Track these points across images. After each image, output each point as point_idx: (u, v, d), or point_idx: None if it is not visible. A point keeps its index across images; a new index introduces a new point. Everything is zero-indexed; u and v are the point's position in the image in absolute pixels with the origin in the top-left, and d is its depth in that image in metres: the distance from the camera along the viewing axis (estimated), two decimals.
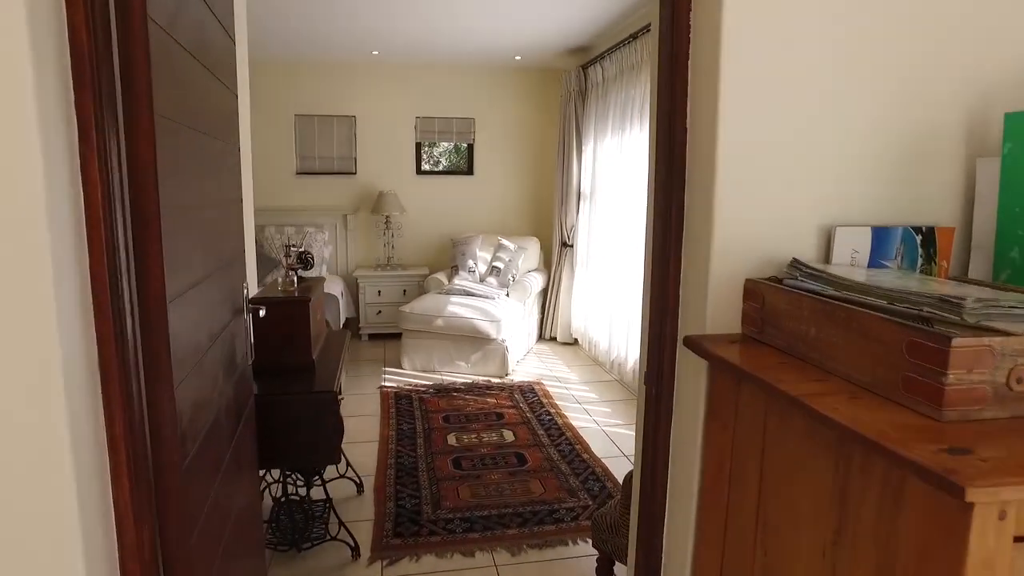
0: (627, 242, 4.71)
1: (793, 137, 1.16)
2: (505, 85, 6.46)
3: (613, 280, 5.01)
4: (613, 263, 5.03)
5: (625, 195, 4.74)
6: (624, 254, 4.78)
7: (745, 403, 1.06)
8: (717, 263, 1.14)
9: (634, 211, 4.57)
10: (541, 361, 5.50)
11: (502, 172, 6.59)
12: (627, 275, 4.72)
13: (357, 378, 4.98)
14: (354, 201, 6.40)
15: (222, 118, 1.76)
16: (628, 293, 4.69)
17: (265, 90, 6.11)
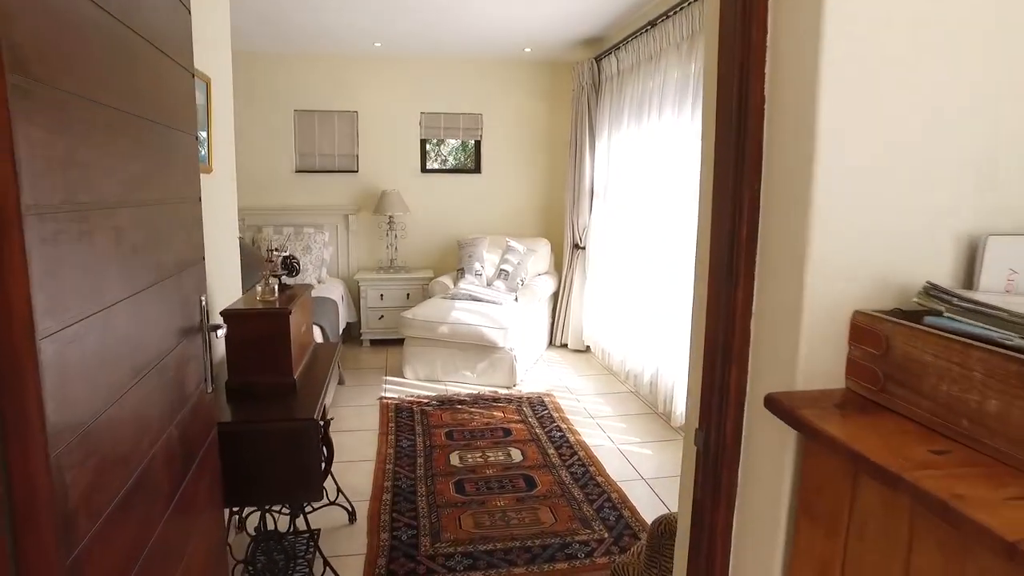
0: (644, 243, 4.40)
1: (927, 109, 0.83)
2: (514, 79, 6.15)
3: (628, 284, 4.70)
4: (628, 266, 4.71)
5: (642, 193, 4.42)
6: (641, 256, 4.47)
7: (869, 508, 0.72)
8: (814, 286, 0.80)
9: (653, 210, 4.25)
10: (551, 370, 5.19)
11: (511, 170, 6.28)
12: (644, 279, 4.40)
13: (356, 388, 4.69)
14: (356, 200, 6.12)
15: (169, 99, 1.46)
16: (645, 299, 4.37)
17: (263, 84, 5.83)
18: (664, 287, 4.03)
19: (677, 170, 3.84)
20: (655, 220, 4.19)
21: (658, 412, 4.20)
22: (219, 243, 2.66)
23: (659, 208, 4.12)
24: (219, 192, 2.71)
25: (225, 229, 2.79)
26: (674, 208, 3.86)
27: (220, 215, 2.74)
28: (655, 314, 4.19)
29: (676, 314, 3.84)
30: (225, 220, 2.82)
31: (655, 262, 4.19)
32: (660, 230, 4.11)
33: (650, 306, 4.28)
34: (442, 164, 6.43)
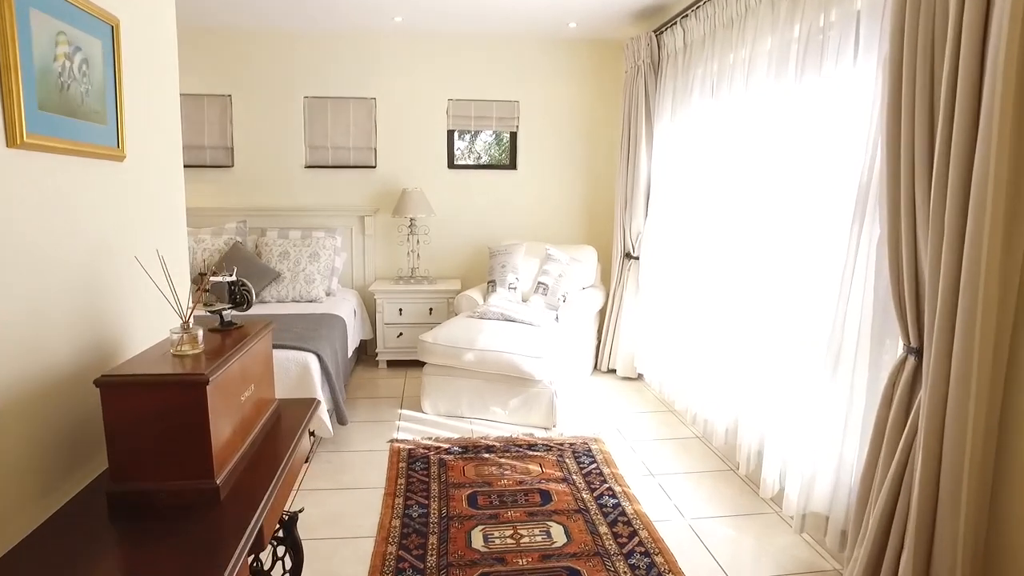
0: (721, 251, 3.52)
1: None
2: (556, 60, 5.31)
3: (696, 304, 3.82)
4: (696, 281, 3.83)
5: (720, 187, 3.54)
6: (715, 268, 3.59)
7: None
8: None
9: (738, 207, 3.36)
10: (598, 404, 4.34)
11: (551, 166, 5.44)
12: (719, 298, 3.52)
13: (364, 426, 3.91)
14: (373, 200, 5.35)
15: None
16: (720, 324, 3.49)
17: (267, 67, 5.11)
18: (752, 311, 3.14)
19: (779, 160, 2.96)
20: (741, 220, 3.30)
21: (737, 471, 3.31)
22: (141, 259, 1.89)
23: (748, 203, 3.22)
24: (137, 187, 1.93)
25: (149, 237, 2.00)
26: (776, 202, 2.96)
27: (141, 217, 1.97)
28: (736, 345, 3.31)
29: (772, 350, 2.95)
30: (150, 225, 2.04)
31: (738, 277, 3.30)
32: (749, 232, 3.21)
33: (728, 334, 3.39)
34: (474, 160, 5.62)
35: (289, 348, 3.41)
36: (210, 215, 5.11)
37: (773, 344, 2.93)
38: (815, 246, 2.63)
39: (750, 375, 3.14)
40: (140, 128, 1.94)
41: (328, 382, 3.49)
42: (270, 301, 4.63)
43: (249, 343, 1.68)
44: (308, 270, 4.69)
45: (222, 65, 5.08)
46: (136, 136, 1.91)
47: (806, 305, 2.69)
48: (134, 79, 1.88)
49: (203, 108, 5.13)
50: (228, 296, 1.79)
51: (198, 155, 5.19)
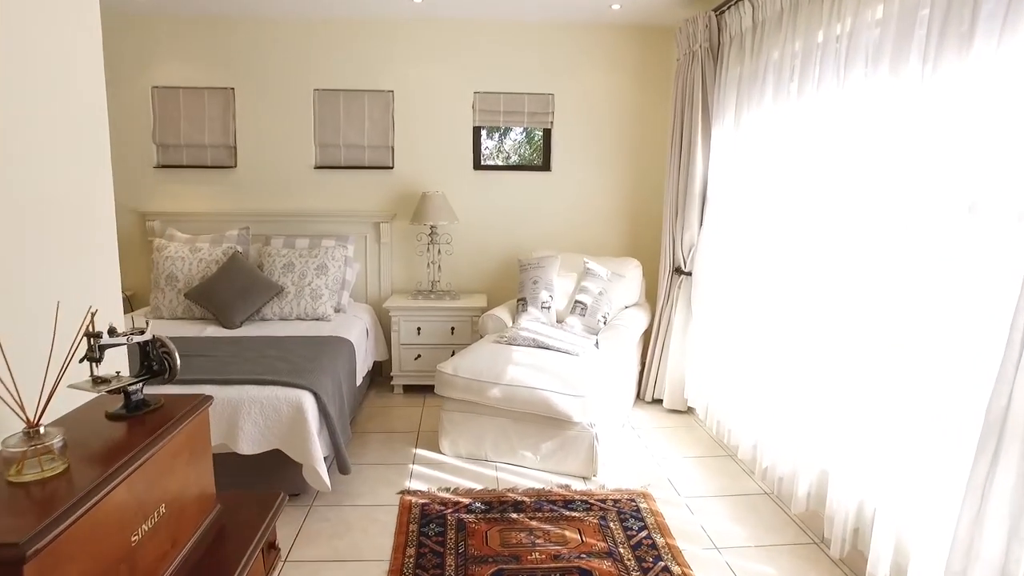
0: (799, 272, 2.88)
1: None
2: (596, 48, 4.70)
3: (763, 329, 3.19)
4: (765, 302, 3.20)
5: (804, 200, 2.90)
6: (790, 290, 2.95)
7: None
8: None
9: (822, 226, 2.73)
10: (643, 445, 3.72)
11: (590, 167, 4.84)
12: (796, 326, 2.88)
13: (370, 470, 3.35)
14: (390, 204, 4.80)
15: None
16: (799, 357, 2.85)
17: (273, 57, 4.59)
18: (851, 343, 2.50)
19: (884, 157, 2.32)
20: (836, 235, 2.65)
21: (827, 551, 2.67)
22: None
23: (847, 215, 2.58)
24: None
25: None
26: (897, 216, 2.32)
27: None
28: (823, 381, 2.67)
29: (881, 389, 2.32)
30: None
31: (831, 302, 2.66)
32: (850, 250, 2.57)
33: (811, 367, 2.76)
34: (503, 160, 5.04)
35: (280, 385, 2.86)
36: (210, 221, 4.62)
37: (882, 383, 2.29)
38: (960, 266, 1.99)
39: (844, 420, 2.50)
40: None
41: (327, 424, 2.93)
42: (272, 319, 4.10)
43: (162, 439, 1.12)
44: (315, 284, 4.15)
45: (224, 55, 4.57)
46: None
47: (938, 334, 2.05)
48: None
49: (203, 103, 4.63)
50: (141, 363, 1.23)
51: (198, 155, 4.70)
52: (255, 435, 2.80)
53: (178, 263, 4.15)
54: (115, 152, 4.70)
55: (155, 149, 4.67)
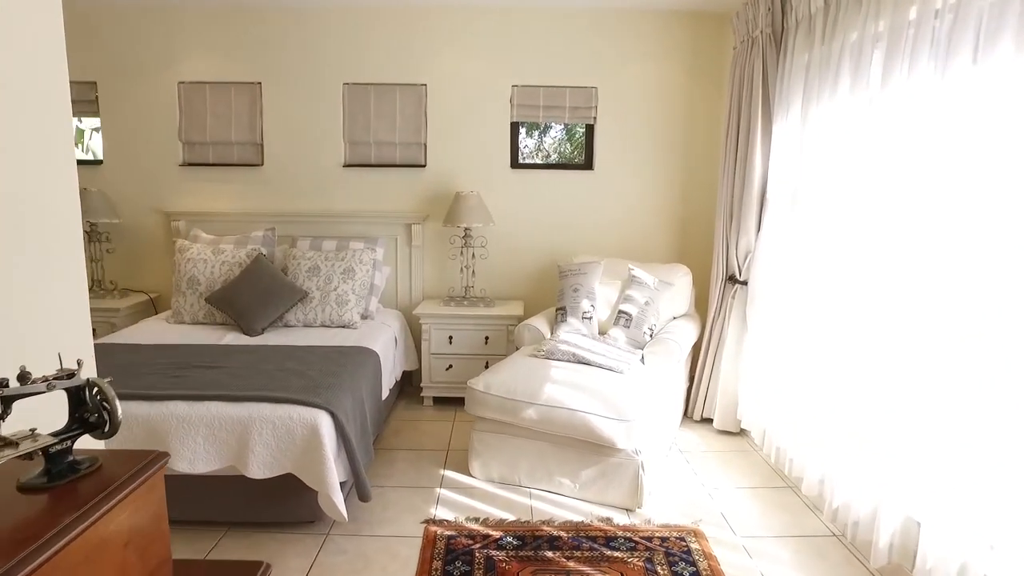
0: (875, 282, 2.50)
1: None
2: (644, 36, 4.36)
3: (833, 347, 2.82)
4: (835, 316, 2.83)
5: (877, 200, 2.53)
6: (863, 303, 2.58)
7: None
8: None
9: (903, 227, 2.36)
10: (692, 472, 3.38)
11: (635, 166, 4.50)
12: (875, 345, 2.51)
13: (397, 493, 3.09)
14: (422, 205, 4.54)
15: None
16: (880, 380, 2.48)
17: (302, 49, 4.37)
18: (942, 369, 2.13)
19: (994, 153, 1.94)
20: (918, 244, 2.28)
21: None
22: None
23: (932, 225, 2.21)
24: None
25: None
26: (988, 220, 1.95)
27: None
28: (909, 414, 2.30)
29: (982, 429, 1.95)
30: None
31: (911, 318, 2.29)
32: (932, 262, 2.20)
33: (894, 395, 2.38)
34: (543, 158, 4.74)
35: (294, 403, 2.62)
36: (235, 221, 4.43)
37: (992, 413, 1.92)
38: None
39: (940, 459, 2.13)
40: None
41: (345, 447, 2.68)
42: (296, 326, 3.88)
43: (92, 517, 0.85)
44: (341, 289, 3.91)
45: (251, 47, 4.38)
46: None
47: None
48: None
49: (230, 98, 4.44)
50: (72, 413, 0.96)
51: (224, 152, 4.52)
52: (267, 458, 2.56)
53: (200, 265, 3.97)
54: (141, 150, 4.56)
55: (181, 147, 4.51)
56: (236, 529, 2.75)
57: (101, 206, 4.32)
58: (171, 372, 2.91)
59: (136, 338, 3.58)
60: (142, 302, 4.46)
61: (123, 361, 3.09)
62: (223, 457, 2.58)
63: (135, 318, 4.34)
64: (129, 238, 4.58)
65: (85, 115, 4.60)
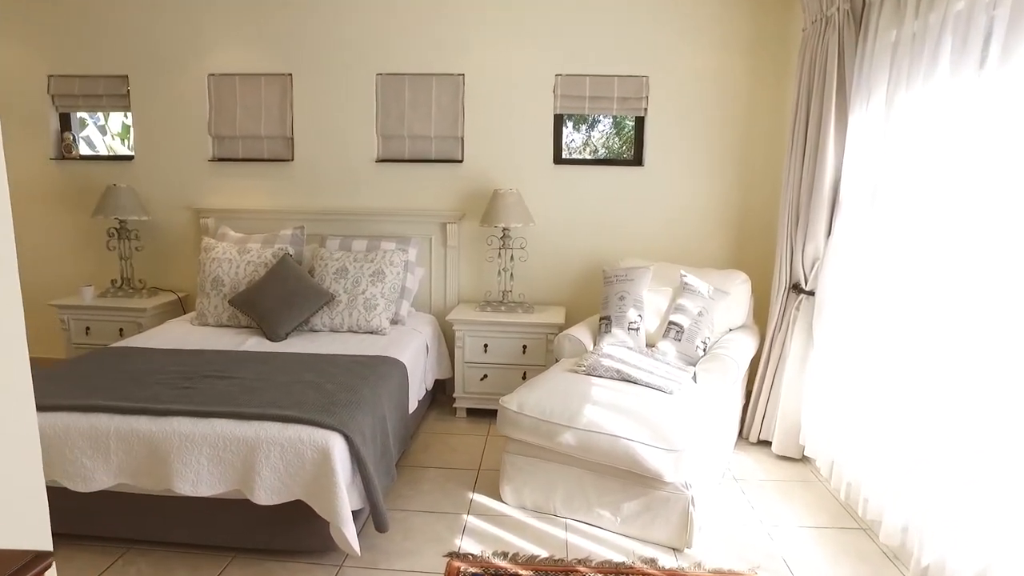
0: (978, 297, 2.10)
1: None
2: (700, 20, 3.98)
3: (921, 369, 2.42)
4: (920, 334, 2.43)
5: (985, 201, 2.12)
6: (963, 320, 2.18)
7: None
8: None
9: (1018, 229, 1.95)
10: (749, 504, 3.01)
11: (689, 162, 4.13)
12: (975, 368, 2.11)
13: (420, 519, 2.83)
14: (458, 203, 4.28)
15: None
16: (982, 410, 2.08)
17: (334, 38, 4.15)
18: None
19: None
20: None
21: None
22: None
23: None
24: None
25: None
26: None
27: None
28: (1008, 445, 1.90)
29: None
30: None
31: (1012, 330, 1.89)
32: None
33: (1010, 430, 1.99)
34: (590, 153, 4.42)
35: (305, 423, 2.37)
36: (264, 219, 4.25)
37: None
38: None
39: None
40: None
41: (361, 472, 2.42)
42: (322, 330, 3.67)
43: None
44: (369, 292, 3.68)
45: (282, 36, 4.18)
46: None
47: None
48: None
49: (260, 90, 4.26)
50: None
51: (255, 147, 4.35)
52: (274, 483, 2.32)
53: (224, 265, 3.79)
54: (171, 145, 4.40)
55: (211, 141, 4.35)
56: (244, 556, 2.53)
57: (130, 203, 4.19)
58: (180, 383, 2.71)
59: (155, 341, 3.41)
60: (170, 302, 4.33)
61: (134, 368, 2.91)
62: (228, 480, 2.36)
63: (162, 318, 4.21)
64: (158, 235, 4.46)
65: (117, 109, 4.49)
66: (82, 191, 4.47)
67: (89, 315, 4.16)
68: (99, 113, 4.89)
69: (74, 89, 4.38)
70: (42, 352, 4.64)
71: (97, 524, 2.56)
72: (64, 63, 4.35)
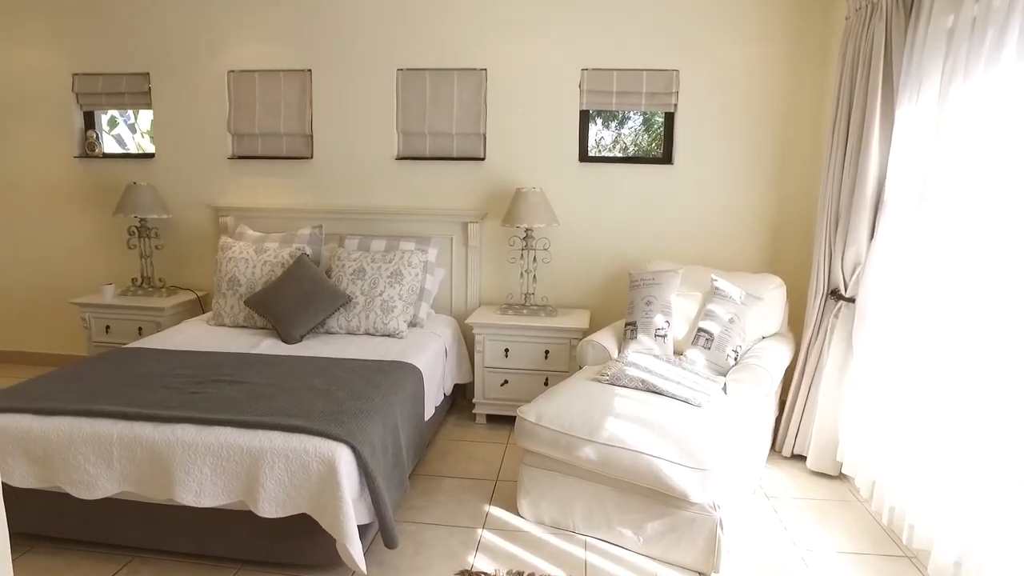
0: None
1: None
2: (734, 10, 3.79)
3: (976, 385, 2.21)
4: (973, 345, 2.22)
5: None
6: None
7: None
8: None
9: None
10: (782, 525, 2.82)
11: (721, 160, 3.94)
12: None
13: (432, 531, 2.71)
14: (480, 202, 4.15)
15: None
16: None
17: (354, 32, 4.06)
18: None
19: None
20: None
21: None
22: None
23: None
24: None
25: None
26: None
27: None
28: None
29: None
30: None
31: None
32: None
33: None
34: (622, 151, 4.25)
35: (311, 434, 2.27)
36: (282, 218, 4.18)
37: None
38: None
39: None
40: None
41: (369, 486, 2.31)
42: (338, 332, 3.58)
43: None
44: (387, 294, 3.57)
45: (301, 31, 4.10)
46: None
47: None
48: None
49: (280, 86, 4.18)
50: None
51: (273, 144, 4.28)
52: (279, 495, 2.22)
53: (241, 265, 3.72)
54: (190, 143, 4.34)
55: (230, 139, 4.29)
56: (249, 568, 2.44)
57: (150, 201, 4.16)
58: (187, 387, 2.63)
59: (170, 342, 3.36)
60: (189, 301, 4.29)
61: (144, 371, 2.85)
62: (231, 491, 2.26)
63: (181, 317, 4.17)
64: (178, 234, 4.42)
65: (138, 107, 4.47)
66: (105, 189, 4.45)
67: (109, 314, 4.13)
68: (129, 111, 4.88)
69: (97, 87, 4.36)
70: (64, 349, 4.65)
71: (103, 531, 2.49)
72: (88, 61, 4.34)
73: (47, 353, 4.68)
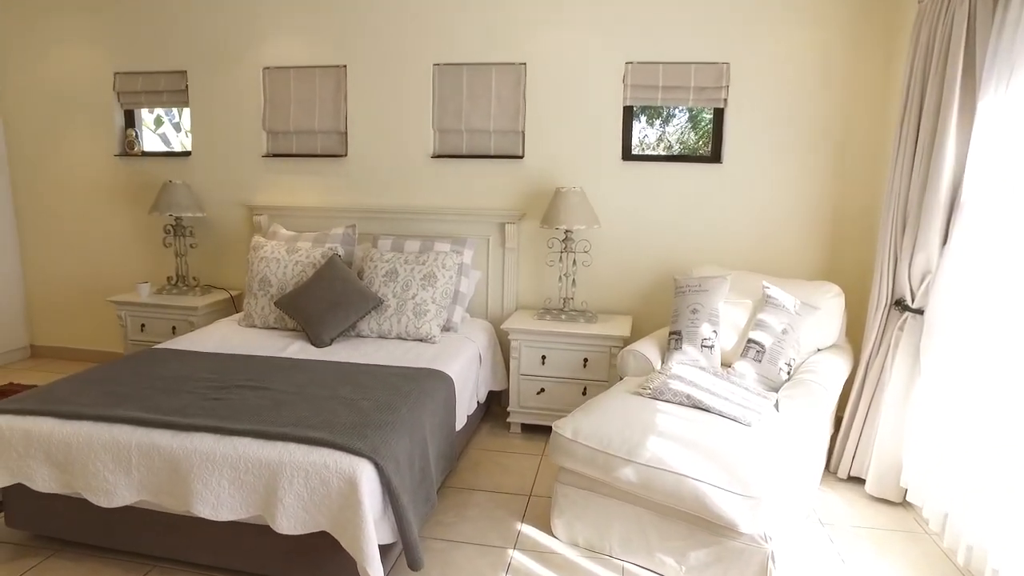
0: None
1: None
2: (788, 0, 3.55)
3: None
4: None
5: None
6: None
7: None
8: None
9: None
10: (839, 557, 2.58)
11: (774, 159, 3.69)
12: None
13: (460, 549, 2.56)
14: (518, 202, 3.99)
15: None
16: None
17: (389, 27, 3.94)
18: None
19: None
20: None
21: None
22: None
23: None
24: None
25: None
26: None
27: None
28: None
29: None
30: None
31: None
32: None
33: None
34: (666, 149, 4.05)
35: (332, 447, 2.14)
36: (316, 217, 4.10)
37: None
38: None
39: None
40: None
41: (393, 505, 2.17)
42: (369, 336, 3.47)
43: None
44: (420, 297, 3.45)
45: (336, 27, 4.00)
46: None
47: None
48: None
49: (314, 83, 4.10)
50: None
51: (308, 142, 4.20)
52: (297, 511, 2.10)
53: (272, 265, 3.65)
54: (225, 141, 4.28)
55: (265, 137, 4.23)
56: None
57: (185, 199, 4.13)
58: (210, 393, 2.55)
59: (199, 343, 3.30)
60: (223, 300, 4.24)
61: (170, 374, 2.78)
62: (250, 505, 2.16)
63: (214, 317, 4.13)
64: (213, 232, 4.39)
65: (176, 105, 4.45)
66: (143, 187, 4.45)
67: (144, 312, 4.12)
68: (174, 110, 4.88)
69: (137, 86, 4.35)
70: (102, 346, 4.68)
71: (124, 539, 2.43)
72: (128, 60, 4.34)
73: (87, 349, 4.71)
